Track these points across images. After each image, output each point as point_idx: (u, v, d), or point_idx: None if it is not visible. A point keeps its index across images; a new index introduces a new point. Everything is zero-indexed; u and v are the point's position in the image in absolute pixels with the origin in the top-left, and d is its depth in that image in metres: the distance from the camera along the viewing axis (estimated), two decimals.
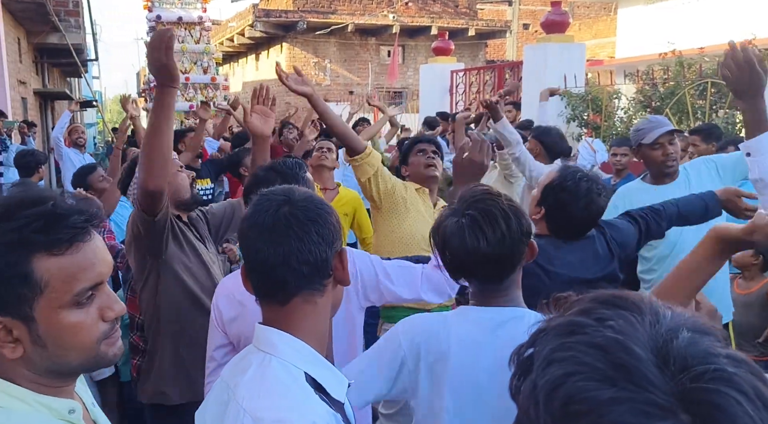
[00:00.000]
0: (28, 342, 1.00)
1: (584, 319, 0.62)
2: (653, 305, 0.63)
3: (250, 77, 25.75)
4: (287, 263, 1.22)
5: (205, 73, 12.66)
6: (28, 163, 5.57)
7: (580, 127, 8.12)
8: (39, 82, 14.29)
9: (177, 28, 12.47)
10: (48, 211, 1.00)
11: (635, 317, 0.60)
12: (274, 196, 1.29)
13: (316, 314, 1.27)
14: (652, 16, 17.09)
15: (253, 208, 1.29)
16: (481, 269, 1.58)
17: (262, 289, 1.27)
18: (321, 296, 1.27)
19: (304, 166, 2.20)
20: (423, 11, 22.38)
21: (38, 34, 12.25)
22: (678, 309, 0.64)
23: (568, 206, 2.22)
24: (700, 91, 7.07)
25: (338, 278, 1.30)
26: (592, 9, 28.13)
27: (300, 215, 1.25)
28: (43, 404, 1.02)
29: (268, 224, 1.24)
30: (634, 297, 0.64)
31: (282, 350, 1.21)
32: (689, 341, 0.58)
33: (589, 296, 0.67)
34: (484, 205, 1.57)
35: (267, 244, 1.23)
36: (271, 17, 20.64)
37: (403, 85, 21.60)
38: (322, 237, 1.25)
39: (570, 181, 2.24)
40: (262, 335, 1.25)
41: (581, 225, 2.28)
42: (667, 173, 3.19)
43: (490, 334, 1.58)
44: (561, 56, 8.26)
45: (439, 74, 11.47)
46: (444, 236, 1.60)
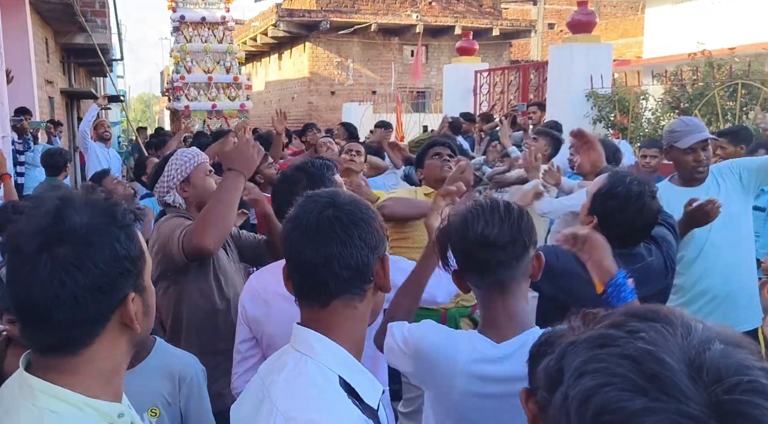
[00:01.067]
0: (141, 314, 1.10)
1: (615, 331, 0.62)
2: (684, 318, 0.63)
3: (273, 77, 25.86)
4: (329, 265, 1.22)
5: (228, 73, 12.74)
6: (56, 163, 5.62)
7: (606, 128, 8.01)
8: (65, 81, 14.48)
9: (200, 27, 12.56)
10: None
11: (667, 329, 0.60)
12: (319, 199, 1.29)
13: (354, 318, 1.27)
14: (680, 16, 16.82)
15: (297, 209, 1.29)
16: (483, 255, 1.56)
17: (303, 290, 1.28)
18: (361, 301, 1.27)
19: (332, 167, 2.19)
20: (447, 11, 22.28)
21: (65, 34, 12.40)
22: (710, 323, 0.64)
23: (621, 212, 2.16)
24: (730, 92, 6.93)
25: (379, 284, 1.29)
26: (619, 8, 27.80)
27: (344, 218, 1.25)
28: (94, 408, 1.04)
29: (312, 225, 1.24)
30: (666, 311, 0.64)
31: (318, 352, 1.22)
32: (722, 353, 0.58)
33: (620, 310, 0.67)
34: (487, 201, 1.63)
35: (309, 245, 1.23)
36: (294, 17, 20.69)
37: (426, 85, 21.52)
38: (364, 241, 1.25)
39: (620, 187, 2.18)
40: (300, 336, 1.26)
41: (636, 230, 2.21)
42: (698, 179, 3.14)
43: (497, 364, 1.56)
44: (587, 56, 8.16)
45: (463, 74, 11.40)
46: (448, 229, 1.63)
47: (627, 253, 2.18)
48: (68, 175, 5.89)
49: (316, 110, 21.42)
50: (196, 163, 2.62)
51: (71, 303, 1.00)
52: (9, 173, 4.65)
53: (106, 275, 1.02)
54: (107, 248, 1.04)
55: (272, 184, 4.72)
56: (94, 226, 1.04)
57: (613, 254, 2.15)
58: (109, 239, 1.04)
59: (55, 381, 1.03)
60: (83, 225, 1.03)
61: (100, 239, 1.03)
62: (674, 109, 7.48)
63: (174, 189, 2.59)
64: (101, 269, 1.02)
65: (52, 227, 1.02)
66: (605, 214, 2.19)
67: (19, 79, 8.17)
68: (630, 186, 2.18)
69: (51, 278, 0.99)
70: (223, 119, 12.55)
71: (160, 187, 2.61)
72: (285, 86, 24.26)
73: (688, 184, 3.15)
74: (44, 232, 1.01)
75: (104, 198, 1.11)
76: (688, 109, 7.12)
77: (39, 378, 1.03)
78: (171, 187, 2.59)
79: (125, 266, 1.06)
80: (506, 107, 9.84)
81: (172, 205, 2.61)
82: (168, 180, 2.60)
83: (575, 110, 8.06)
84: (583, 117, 8.02)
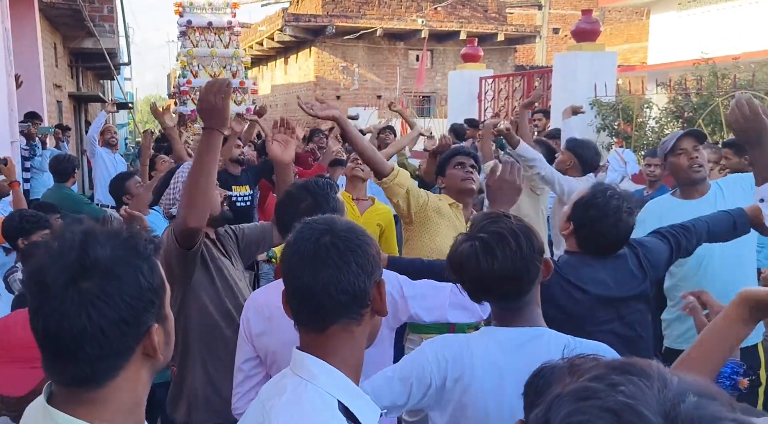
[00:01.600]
0: (163, 343, 1.12)
1: (597, 384, 0.65)
2: (660, 371, 0.66)
3: (279, 81, 25.95)
4: (326, 291, 1.25)
5: (234, 78, 12.79)
6: (64, 169, 5.64)
7: (610, 136, 8.03)
8: (73, 85, 14.59)
9: (207, 32, 12.63)
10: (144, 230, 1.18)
11: (644, 382, 0.63)
12: (317, 225, 1.33)
13: (352, 342, 1.30)
14: (685, 23, 16.84)
15: (295, 235, 1.33)
16: (497, 289, 1.64)
17: (301, 315, 1.31)
18: (358, 326, 1.30)
19: (335, 187, 2.22)
20: (452, 16, 22.34)
21: (74, 38, 12.50)
22: (684, 375, 0.66)
23: (597, 224, 2.23)
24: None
25: (376, 308, 1.32)
26: (624, 13, 27.82)
27: (340, 244, 1.28)
28: None
29: (309, 251, 1.28)
30: (643, 364, 0.68)
31: (317, 377, 1.24)
32: (696, 405, 0.60)
33: (602, 363, 0.72)
34: (495, 228, 1.64)
35: (307, 271, 1.27)
36: (301, 22, 20.78)
37: (431, 90, 21.57)
38: (361, 267, 1.28)
39: (600, 199, 2.25)
40: (300, 361, 1.28)
41: (609, 243, 2.28)
42: (696, 181, 3.10)
43: (511, 355, 1.63)
44: (591, 65, 8.18)
45: (468, 81, 11.44)
46: (459, 261, 1.66)
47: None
48: (76, 182, 5.92)
49: None
50: None
51: (99, 336, 1.01)
52: (18, 181, 4.71)
53: (132, 307, 1.04)
54: (132, 280, 1.05)
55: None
56: (118, 259, 1.05)
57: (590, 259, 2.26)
58: (134, 272, 1.06)
59: (78, 415, 1.03)
60: (108, 258, 1.04)
61: (125, 271, 1.05)
62: (678, 118, 7.49)
63: (178, 202, 2.60)
64: (127, 302, 1.03)
65: (78, 261, 1.02)
66: (582, 223, 2.27)
67: (27, 84, 8.25)
68: (609, 200, 2.24)
69: (79, 311, 1.00)
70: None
71: (166, 199, 2.65)
72: (291, 90, 24.35)
73: (690, 196, 3.14)
74: (71, 266, 1.02)
75: (125, 230, 1.12)
76: (692, 119, 7.14)
77: (62, 412, 1.03)
78: (177, 200, 2.61)
79: (149, 297, 1.07)
80: (511, 114, 9.87)
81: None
82: (174, 193, 2.63)
83: (579, 118, 8.06)
84: (587, 125, 8.04)
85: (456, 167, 3.23)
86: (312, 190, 2.14)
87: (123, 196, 4.31)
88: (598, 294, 2.19)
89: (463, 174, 3.19)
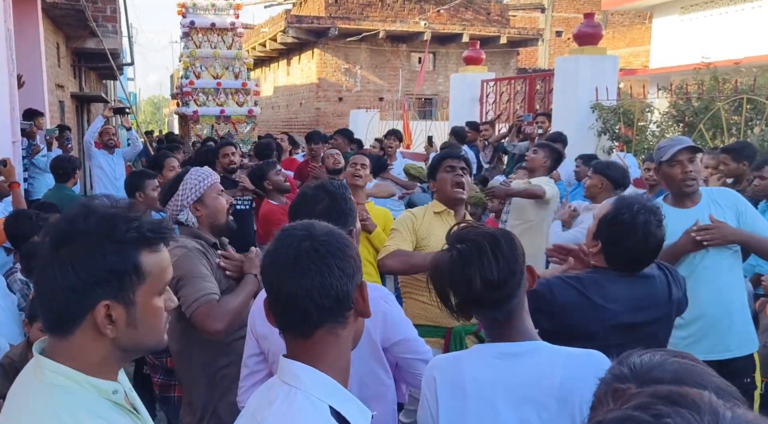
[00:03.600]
0: (123, 324, 1.21)
1: (641, 414, 0.60)
2: (713, 404, 0.61)
3: (282, 82, 25.98)
4: (310, 296, 1.26)
5: (237, 79, 12.82)
6: (65, 170, 5.65)
7: (611, 140, 8.03)
8: (76, 85, 14.59)
9: (209, 33, 12.65)
10: (151, 218, 1.26)
11: (693, 416, 0.58)
12: (295, 232, 1.33)
13: (339, 346, 1.31)
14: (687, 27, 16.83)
15: (275, 243, 1.33)
16: (486, 298, 1.62)
17: (286, 322, 1.31)
18: (343, 329, 1.31)
19: (347, 188, 2.27)
20: (455, 18, 22.35)
21: (76, 38, 12.51)
22: (740, 410, 0.61)
23: (626, 240, 2.14)
24: (735, 106, 6.94)
25: (359, 310, 1.33)
26: (627, 17, 27.82)
27: (321, 249, 1.29)
28: (92, 384, 1.20)
29: (291, 258, 1.28)
30: (694, 395, 0.63)
31: (306, 384, 1.25)
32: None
33: (648, 391, 0.66)
34: (471, 237, 1.65)
35: (290, 278, 1.27)
36: (303, 23, 20.80)
37: (433, 93, 21.58)
38: (343, 271, 1.29)
39: (626, 214, 2.16)
40: (287, 368, 1.29)
41: (640, 258, 2.19)
42: (686, 193, 3.07)
43: (503, 370, 1.62)
44: (593, 68, 8.19)
45: (470, 84, 11.45)
46: (441, 274, 1.67)
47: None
48: (77, 182, 5.92)
49: (324, 116, 21.51)
50: (209, 183, 2.66)
51: (49, 295, 1.19)
52: (18, 182, 4.71)
53: (81, 279, 1.16)
54: (88, 255, 1.17)
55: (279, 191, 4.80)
56: (88, 234, 1.17)
57: (618, 276, 2.18)
58: (93, 248, 1.17)
59: (60, 362, 1.20)
60: (81, 232, 1.18)
61: (86, 246, 1.17)
62: (679, 122, 7.49)
63: (187, 208, 2.61)
64: (78, 273, 1.16)
65: (62, 229, 1.19)
66: (610, 240, 2.18)
67: (30, 84, 8.25)
68: (637, 214, 2.15)
69: (47, 271, 1.18)
70: (231, 125, 12.63)
71: (173, 205, 2.63)
72: (293, 92, 24.37)
73: (681, 205, 3.10)
74: (57, 233, 1.19)
75: (119, 213, 1.22)
76: (693, 123, 7.13)
77: (47, 358, 1.20)
78: (185, 206, 2.62)
79: (103, 276, 1.18)
80: (512, 117, 9.87)
81: (184, 223, 2.63)
82: (182, 199, 2.61)
83: (580, 122, 8.09)
84: (588, 129, 8.04)
85: (446, 171, 3.17)
86: (329, 191, 2.16)
87: (137, 193, 4.26)
88: (613, 312, 2.10)
89: (454, 178, 3.14)
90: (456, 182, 3.14)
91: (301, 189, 2.32)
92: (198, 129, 12.26)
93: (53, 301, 1.19)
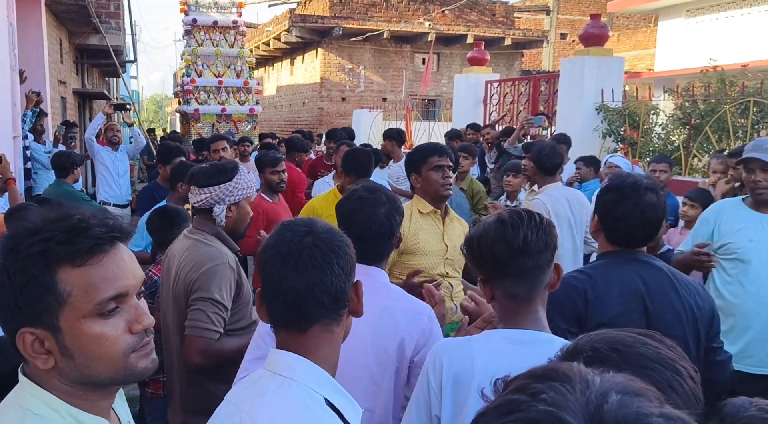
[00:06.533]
0: (57, 353, 1.04)
1: (519, 396, 0.63)
2: (582, 372, 0.65)
3: (285, 82, 25.95)
4: (311, 292, 1.27)
5: (238, 77, 12.77)
6: (63, 164, 5.65)
7: (615, 142, 7.97)
8: (78, 82, 14.58)
9: (212, 31, 12.61)
10: (72, 224, 1.04)
11: (565, 387, 0.62)
12: (297, 227, 1.34)
13: (332, 342, 1.32)
14: (693, 30, 16.76)
15: (276, 237, 1.33)
16: (515, 264, 1.63)
17: (283, 316, 1.31)
18: (338, 326, 1.33)
19: None
20: (459, 19, 22.29)
21: (79, 35, 12.49)
22: (607, 374, 0.65)
23: (618, 206, 2.10)
24: (742, 109, 6.87)
25: (352, 309, 1.36)
26: (632, 20, 27.75)
27: (323, 246, 1.30)
28: (75, 417, 1.05)
29: (293, 253, 1.28)
30: (564, 367, 0.67)
31: (301, 375, 1.25)
32: (619, 404, 0.59)
33: (523, 374, 0.70)
34: (512, 210, 1.72)
35: (292, 273, 1.27)
36: (307, 23, 20.75)
37: (437, 94, 21.52)
38: (342, 268, 1.31)
39: (615, 181, 2.17)
40: (280, 360, 1.28)
41: (636, 226, 2.11)
42: (757, 200, 3.04)
43: (514, 356, 1.58)
44: (598, 70, 8.13)
45: (474, 85, 11.39)
46: (479, 235, 1.69)
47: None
48: (78, 177, 5.91)
49: (327, 116, 21.46)
50: (251, 193, 2.63)
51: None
52: (13, 178, 4.67)
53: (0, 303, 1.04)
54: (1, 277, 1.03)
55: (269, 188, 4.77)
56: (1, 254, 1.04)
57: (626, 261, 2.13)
58: (1, 269, 1.03)
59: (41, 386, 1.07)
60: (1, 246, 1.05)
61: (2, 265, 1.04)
62: (685, 125, 7.42)
63: (225, 205, 2.54)
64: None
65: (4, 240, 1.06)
66: (604, 210, 2.16)
67: (32, 80, 8.22)
68: (625, 179, 2.15)
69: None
70: (233, 123, 12.58)
71: (215, 194, 2.51)
72: (296, 91, 24.34)
73: (762, 210, 3.03)
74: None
75: (43, 220, 1.05)
76: (699, 126, 7.07)
77: (29, 380, 1.07)
78: (224, 202, 2.54)
79: (11, 300, 1.02)
80: (515, 118, 9.81)
81: (207, 216, 2.55)
82: (226, 194, 2.53)
83: (585, 123, 8.03)
84: (593, 130, 7.99)
85: (434, 170, 3.08)
86: (389, 195, 2.19)
87: (178, 184, 4.21)
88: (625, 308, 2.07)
89: (442, 180, 3.08)
90: (444, 184, 3.09)
91: (352, 192, 2.22)
92: (199, 127, 12.20)
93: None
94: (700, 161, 7.11)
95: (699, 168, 7.17)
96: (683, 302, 2.11)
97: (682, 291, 2.12)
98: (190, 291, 2.41)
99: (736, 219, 3.05)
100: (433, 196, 3.11)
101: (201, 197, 2.52)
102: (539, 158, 4.11)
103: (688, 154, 7.12)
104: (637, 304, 2.07)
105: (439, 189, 3.08)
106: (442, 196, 3.11)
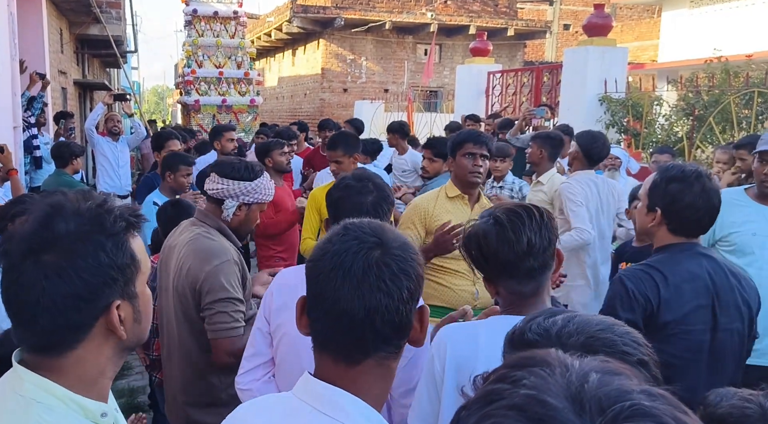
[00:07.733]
0: (131, 321, 1.11)
1: (500, 385, 0.64)
2: (560, 357, 0.66)
3: (286, 73, 25.87)
4: (371, 320, 1.06)
5: (239, 68, 12.73)
6: (62, 155, 5.65)
7: (619, 133, 7.93)
8: (79, 72, 14.53)
9: (212, 22, 12.55)
10: (127, 204, 1.20)
11: (545, 371, 0.63)
12: (364, 236, 1.10)
13: (386, 379, 1.12)
14: (697, 21, 16.67)
15: (338, 244, 1.10)
16: (520, 263, 1.60)
17: (332, 341, 1.10)
18: (395, 360, 1.12)
19: None
20: (462, 10, 22.17)
21: (80, 25, 12.44)
22: (586, 358, 0.66)
23: (685, 194, 2.07)
24: (746, 100, 6.82)
25: (413, 339, 1.14)
26: (635, 11, 27.58)
27: (393, 265, 1.08)
28: (79, 404, 1.07)
29: (357, 270, 1.06)
30: (542, 353, 0.67)
31: (354, 419, 1.05)
32: (600, 383, 0.60)
33: (502, 365, 0.70)
34: (512, 207, 1.66)
35: (351, 294, 1.06)
36: (309, 13, 20.66)
37: (439, 85, 21.44)
38: (411, 294, 1.09)
39: (675, 171, 2.13)
40: (325, 396, 1.07)
41: (703, 213, 2.10)
42: (764, 193, 3.01)
43: None
44: (602, 60, 8.07)
45: (476, 75, 11.33)
46: (478, 238, 1.65)
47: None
48: (79, 168, 5.90)
49: (328, 107, 21.39)
50: (266, 200, 2.59)
51: (52, 309, 1.03)
52: (15, 168, 4.66)
53: (88, 283, 1.04)
54: (91, 256, 1.05)
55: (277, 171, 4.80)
56: (80, 234, 1.05)
57: (690, 254, 2.11)
58: (94, 248, 1.05)
59: (45, 376, 1.06)
60: (68, 233, 1.04)
61: (84, 247, 1.04)
62: (688, 115, 7.38)
63: (237, 202, 2.50)
64: (83, 277, 1.03)
65: (38, 233, 1.04)
66: (669, 201, 2.11)
67: (32, 69, 8.18)
68: (684, 167, 2.12)
69: (33, 284, 1.02)
70: (233, 114, 12.55)
71: (229, 186, 2.48)
72: (298, 82, 24.26)
73: (765, 201, 3.01)
74: (30, 238, 1.04)
75: (97, 204, 1.09)
76: (703, 117, 7.02)
77: (30, 371, 1.06)
78: (238, 199, 2.50)
79: (110, 274, 1.06)
80: (518, 109, 9.76)
81: (216, 207, 2.52)
82: (243, 193, 2.49)
83: (588, 114, 7.98)
84: (596, 121, 7.94)
85: (467, 156, 3.17)
86: (376, 183, 2.09)
87: (167, 172, 4.44)
88: (698, 302, 2.06)
89: (472, 167, 3.16)
90: (473, 171, 3.17)
91: (339, 180, 2.18)
92: (199, 118, 12.17)
93: (43, 318, 1.03)
94: (703, 152, 7.06)
95: (702, 159, 7.13)
96: (740, 295, 2.11)
97: (736, 283, 2.13)
98: (198, 291, 2.37)
99: (739, 211, 3.01)
100: (462, 181, 3.21)
101: (217, 186, 2.49)
102: (590, 149, 4.10)
103: (692, 146, 7.08)
104: (707, 299, 2.07)
105: (467, 175, 3.17)
106: (470, 183, 3.19)
